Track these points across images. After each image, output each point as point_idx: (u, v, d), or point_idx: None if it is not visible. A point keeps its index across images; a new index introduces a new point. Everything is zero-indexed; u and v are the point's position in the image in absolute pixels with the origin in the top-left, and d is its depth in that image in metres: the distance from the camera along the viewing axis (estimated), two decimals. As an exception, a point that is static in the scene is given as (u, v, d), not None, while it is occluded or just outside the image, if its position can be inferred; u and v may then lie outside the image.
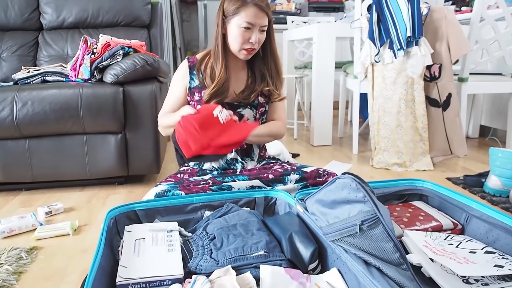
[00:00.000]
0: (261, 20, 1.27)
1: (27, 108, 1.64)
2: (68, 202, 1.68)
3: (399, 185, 1.37)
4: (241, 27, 1.27)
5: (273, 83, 1.41)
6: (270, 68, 1.40)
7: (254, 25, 1.27)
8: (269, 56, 1.40)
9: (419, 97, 2.09)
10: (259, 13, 1.26)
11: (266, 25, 1.30)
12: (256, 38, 1.28)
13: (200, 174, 1.41)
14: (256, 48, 1.32)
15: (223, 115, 1.24)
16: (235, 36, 1.29)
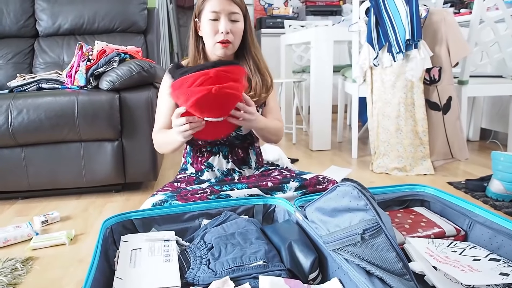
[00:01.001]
0: (227, 7, 1.20)
1: (23, 116, 1.62)
2: (65, 210, 1.65)
3: (400, 191, 1.35)
4: (209, 19, 1.21)
5: (260, 87, 1.32)
6: (252, 69, 1.32)
7: (220, 13, 1.20)
8: (249, 55, 1.32)
9: (418, 101, 2.07)
10: (223, 0, 1.20)
11: (236, 13, 1.22)
12: (226, 27, 1.20)
13: (198, 183, 1.38)
14: (230, 40, 1.22)
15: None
16: (206, 32, 1.23)
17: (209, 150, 1.39)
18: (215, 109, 1.04)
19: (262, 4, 4.68)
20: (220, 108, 1.05)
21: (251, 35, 1.32)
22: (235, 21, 1.23)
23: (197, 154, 1.41)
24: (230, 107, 1.08)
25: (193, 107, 1.02)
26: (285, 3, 4.71)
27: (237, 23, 1.24)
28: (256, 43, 1.35)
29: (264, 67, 1.35)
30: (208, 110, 1.04)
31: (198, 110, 1.03)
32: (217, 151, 1.38)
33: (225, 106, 1.06)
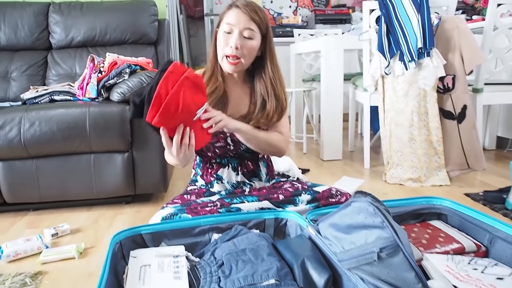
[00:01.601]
0: (243, 22, 1.16)
1: (35, 128, 1.62)
2: (75, 223, 1.65)
3: (416, 204, 1.31)
4: (223, 31, 1.19)
5: (274, 110, 1.27)
6: (269, 91, 1.26)
7: (234, 26, 1.17)
8: (267, 77, 1.26)
9: (432, 110, 2.03)
10: (240, 14, 1.17)
11: (251, 29, 1.17)
12: (237, 42, 1.16)
13: (208, 195, 1.37)
14: (239, 55, 1.18)
15: (200, 112, 1.05)
16: (219, 42, 1.21)
17: (218, 162, 1.37)
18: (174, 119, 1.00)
19: (271, 13, 4.69)
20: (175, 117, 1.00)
21: (272, 56, 1.27)
22: (249, 38, 1.18)
23: (206, 166, 1.40)
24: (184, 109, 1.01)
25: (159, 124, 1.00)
26: (294, 12, 4.71)
27: (251, 41, 1.19)
28: (278, 66, 1.29)
29: (282, 92, 1.29)
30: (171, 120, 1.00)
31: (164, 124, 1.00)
32: (226, 163, 1.37)
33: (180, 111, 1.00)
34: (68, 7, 2.32)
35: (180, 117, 0.98)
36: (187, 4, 4.45)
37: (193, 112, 1.01)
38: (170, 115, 0.95)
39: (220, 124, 1.11)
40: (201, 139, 1.08)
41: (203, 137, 1.09)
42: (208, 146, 1.32)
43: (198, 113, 1.03)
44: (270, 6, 4.67)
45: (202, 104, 1.03)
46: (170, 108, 0.94)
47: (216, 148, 1.32)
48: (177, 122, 1.00)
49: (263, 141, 1.25)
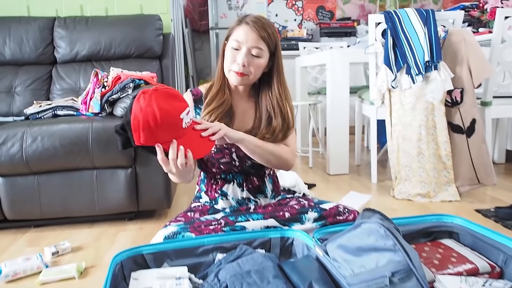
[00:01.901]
0: (251, 41, 1.15)
1: (37, 143, 1.61)
2: (76, 240, 1.62)
3: (426, 222, 1.27)
4: (231, 47, 1.18)
5: (280, 129, 1.24)
6: (275, 110, 1.24)
7: (242, 44, 1.15)
8: (273, 95, 1.24)
9: (440, 123, 1.99)
10: (249, 32, 1.15)
11: (259, 48, 1.16)
12: (243, 59, 1.15)
13: (212, 212, 1.33)
14: (246, 73, 1.17)
15: (187, 118, 1.01)
16: (226, 57, 1.20)
17: (223, 178, 1.34)
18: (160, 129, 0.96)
19: (276, 26, 4.70)
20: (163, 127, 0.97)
21: (279, 73, 1.25)
22: (257, 56, 1.17)
23: (211, 182, 1.37)
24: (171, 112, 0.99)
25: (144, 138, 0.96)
26: (299, 25, 4.73)
27: (258, 59, 1.18)
28: (285, 83, 1.27)
29: (288, 111, 1.26)
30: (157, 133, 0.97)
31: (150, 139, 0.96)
32: (231, 178, 1.34)
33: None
34: (73, 21, 2.33)
35: (166, 127, 0.96)
36: (192, 18, 4.48)
37: (176, 117, 0.98)
38: (152, 128, 0.94)
39: (220, 132, 1.07)
40: (202, 147, 1.04)
41: (204, 144, 1.05)
42: (212, 162, 1.29)
43: (184, 118, 0.99)
44: (275, 20, 4.69)
45: (183, 108, 1.00)
46: (149, 121, 0.93)
47: (221, 164, 1.29)
48: (167, 134, 0.97)
49: (268, 152, 1.21)
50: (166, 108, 0.95)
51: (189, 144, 0.99)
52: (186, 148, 0.98)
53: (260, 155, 1.20)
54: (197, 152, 1.01)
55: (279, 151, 1.24)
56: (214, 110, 1.22)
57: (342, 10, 4.79)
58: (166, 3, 2.67)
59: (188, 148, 0.98)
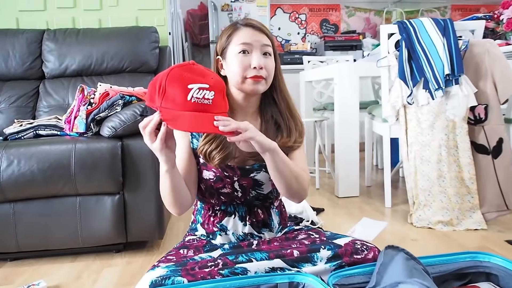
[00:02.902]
0: (259, 38, 1.03)
1: (13, 168, 1.43)
2: (55, 278, 1.42)
3: (458, 261, 1.07)
4: (238, 53, 1.02)
5: (294, 131, 1.10)
6: (283, 113, 1.11)
7: (252, 45, 1.02)
8: (279, 96, 1.11)
9: (463, 143, 1.80)
10: (254, 31, 1.03)
11: (268, 45, 1.04)
12: (260, 62, 1.01)
13: (208, 249, 1.13)
14: (264, 76, 1.02)
15: (198, 93, 0.85)
16: (234, 68, 1.03)
17: (223, 210, 1.15)
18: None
19: (279, 40, 4.57)
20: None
21: (281, 74, 1.12)
22: (268, 54, 1.04)
23: (209, 213, 1.18)
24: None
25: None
26: (302, 39, 4.59)
27: (270, 58, 1.04)
28: (285, 84, 1.15)
29: (296, 112, 1.14)
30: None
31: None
32: (233, 210, 1.15)
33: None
34: (64, 34, 2.18)
35: (166, 81, 0.84)
36: (192, 32, 4.36)
37: (183, 83, 0.83)
38: (155, 86, 0.84)
39: (246, 134, 0.87)
40: (198, 123, 0.85)
41: (203, 121, 0.85)
42: (212, 192, 1.11)
43: (194, 91, 0.83)
44: (278, 33, 4.56)
45: (199, 82, 0.85)
46: (157, 78, 0.85)
47: (221, 195, 1.11)
48: (167, 96, 0.84)
49: (292, 172, 1.02)
50: (180, 72, 0.85)
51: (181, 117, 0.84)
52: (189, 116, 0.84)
53: (284, 175, 1.01)
54: (189, 124, 0.84)
55: (299, 173, 1.05)
56: (214, 138, 1.04)
57: (346, 23, 4.66)
58: (163, 15, 2.53)
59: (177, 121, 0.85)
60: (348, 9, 4.66)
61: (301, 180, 1.05)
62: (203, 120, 0.85)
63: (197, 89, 0.84)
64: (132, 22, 2.47)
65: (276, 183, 1.03)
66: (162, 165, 0.93)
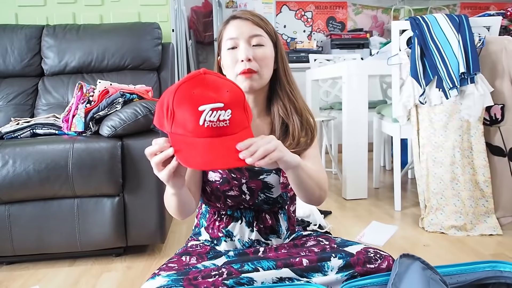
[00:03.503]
0: (247, 30, 0.96)
1: (7, 168, 1.37)
2: (51, 283, 1.36)
3: (477, 270, 1.00)
4: (227, 49, 0.97)
5: (299, 130, 1.01)
6: (288, 108, 1.03)
7: (238, 38, 0.96)
8: (283, 92, 1.03)
9: (478, 145, 1.73)
10: (241, 22, 0.97)
11: (258, 35, 0.97)
12: (247, 53, 0.94)
13: (212, 256, 1.07)
14: (254, 69, 0.95)
15: (211, 116, 0.71)
16: (226, 65, 0.98)
17: (229, 215, 1.09)
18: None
19: (285, 38, 4.50)
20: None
21: (284, 66, 1.04)
22: (259, 45, 0.96)
23: (214, 217, 1.11)
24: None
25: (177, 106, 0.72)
26: (308, 37, 4.51)
27: (262, 48, 0.96)
28: (292, 77, 1.06)
29: (303, 106, 1.05)
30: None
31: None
32: (240, 216, 1.08)
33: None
34: (63, 30, 2.12)
35: (178, 103, 0.71)
36: (196, 29, 4.30)
37: (192, 105, 0.70)
38: (162, 109, 0.73)
39: (273, 155, 0.76)
40: (214, 158, 0.72)
41: (222, 155, 0.73)
42: (218, 195, 1.04)
43: (206, 114, 0.70)
44: (283, 31, 4.49)
45: (211, 101, 0.71)
46: (164, 99, 0.73)
47: (228, 198, 1.04)
48: (176, 122, 0.72)
49: (314, 179, 0.95)
50: (189, 90, 0.72)
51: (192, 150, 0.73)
52: (201, 149, 0.71)
53: (307, 187, 0.94)
54: (189, 162, 0.72)
55: (320, 179, 0.98)
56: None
57: (353, 21, 4.58)
58: (166, 11, 2.46)
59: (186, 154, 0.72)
60: (355, 7, 4.57)
61: (323, 185, 0.99)
62: (222, 153, 0.71)
63: (210, 111, 0.71)
64: (134, 18, 2.41)
65: (298, 193, 0.97)
66: (169, 188, 0.85)
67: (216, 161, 0.71)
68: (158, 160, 0.73)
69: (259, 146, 0.73)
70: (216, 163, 0.72)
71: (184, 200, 0.92)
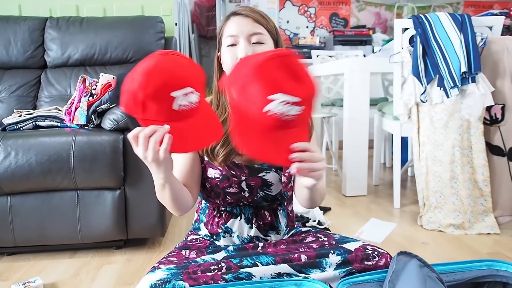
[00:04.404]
0: (246, 27, 0.95)
1: (10, 160, 1.38)
2: (52, 274, 1.38)
3: (473, 269, 1.01)
4: (227, 46, 0.96)
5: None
6: None
7: (238, 36, 0.95)
8: None
9: (477, 144, 1.73)
10: (241, 19, 0.96)
11: (259, 33, 0.96)
12: (246, 50, 0.93)
13: (212, 250, 1.08)
14: None
15: (184, 100, 0.72)
16: (225, 62, 0.98)
17: (228, 211, 1.09)
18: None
19: (288, 33, 4.49)
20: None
21: None
22: (259, 43, 0.96)
23: (213, 213, 1.12)
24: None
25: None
26: (311, 33, 4.50)
27: (263, 46, 0.96)
28: None
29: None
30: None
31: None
32: (239, 212, 1.09)
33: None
34: (67, 22, 2.12)
35: (149, 100, 0.71)
36: (199, 23, 4.29)
37: (163, 91, 0.70)
38: (132, 90, 0.70)
39: (315, 174, 0.75)
40: (190, 143, 0.76)
41: (197, 140, 0.77)
42: (217, 192, 1.05)
43: (178, 98, 0.71)
44: (286, 26, 4.47)
45: (181, 86, 0.71)
46: (132, 85, 0.71)
47: (227, 195, 1.05)
48: (151, 111, 0.72)
49: (321, 192, 1.00)
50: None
51: (176, 133, 0.73)
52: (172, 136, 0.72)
53: (315, 199, 0.99)
54: (176, 146, 0.73)
55: (324, 190, 1.03)
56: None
57: (356, 18, 4.56)
58: (169, 4, 2.46)
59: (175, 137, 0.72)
60: (359, 3, 4.55)
61: (323, 195, 1.02)
62: (276, 147, 0.69)
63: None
64: (137, 11, 2.41)
65: (302, 202, 1.01)
66: (158, 177, 0.84)
67: (269, 153, 0.69)
68: (159, 136, 0.73)
69: (311, 159, 0.72)
70: (269, 156, 0.71)
71: (177, 192, 0.92)
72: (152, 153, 0.75)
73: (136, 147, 0.77)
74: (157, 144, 0.74)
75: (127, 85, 0.73)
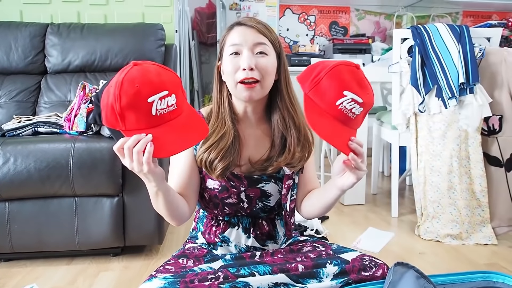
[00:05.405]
0: (251, 37, 0.94)
1: (9, 166, 1.38)
2: (48, 282, 1.37)
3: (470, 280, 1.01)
4: (229, 55, 0.95)
5: (295, 144, 1.01)
6: (287, 122, 1.02)
7: (241, 45, 0.94)
8: (283, 105, 1.02)
9: (475, 154, 1.74)
10: (246, 30, 0.96)
11: (263, 43, 0.95)
12: (249, 62, 0.92)
13: (209, 259, 1.08)
14: (257, 78, 0.94)
15: (162, 104, 0.75)
16: (226, 71, 0.96)
17: (226, 221, 1.10)
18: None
19: (287, 41, 4.51)
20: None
21: (286, 77, 1.03)
22: (262, 53, 0.95)
23: (211, 223, 1.12)
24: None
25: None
26: (311, 41, 4.53)
27: (266, 57, 0.95)
28: (293, 89, 1.05)
29: (302, 121, 1.04)
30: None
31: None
32: (236, 222, 1.09)
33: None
34: (68, 28, 2.13)
35: (129, 110, 0.73)
36: (199, 30, 4.31)
37: (141, 99, 0.72)
38: (109, 104, 0.73)
39: (361, 173, 0.89)
40: (172, 145, 0.78)
41: (179, 142, 0.79)
42: (216, 202, 1.05)
43: (156, 103, 0.74)
44: (286, 34, 4.50)
45: (157, 91, 0.73)
46: (109, 90, 0.74)
47: (225, 205, 1.05)
48: (131, 121, 0.74)
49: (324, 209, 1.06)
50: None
51: (160, 137, 0.76)
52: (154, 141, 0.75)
53: (330, 205, 1.04)
54: (162, 150, 0.76)
55: None
56: (213, 146, 0.97)
57: (356, 26, 4.59)
58: (170, 12, 2.48)
59: (157, 142, 0.75)
60: (358, 12, 4.58)
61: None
62: (342, 136, 0.82)
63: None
64: (138, 19, 2.42)
65: (317, 211, 1.06)
66: (150, 185, 0.84)
67: (335, 138, 0.82)
68: (141, 146, 0.74)
69: (364, 157, 0.85)
70: (335, 140, 0.82)
71: (172, 201, 0.92)
72: (137, 163, 0.76)
73: (123, 159, 0.78)
74: (141, 154, 0.75)
75: (104, 100, 0.75)
